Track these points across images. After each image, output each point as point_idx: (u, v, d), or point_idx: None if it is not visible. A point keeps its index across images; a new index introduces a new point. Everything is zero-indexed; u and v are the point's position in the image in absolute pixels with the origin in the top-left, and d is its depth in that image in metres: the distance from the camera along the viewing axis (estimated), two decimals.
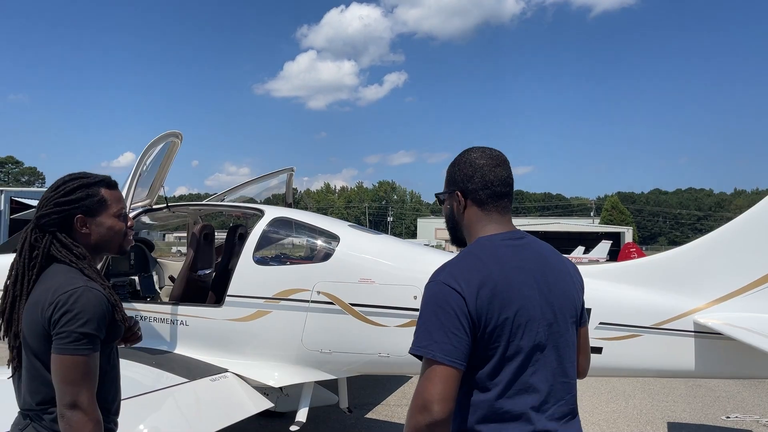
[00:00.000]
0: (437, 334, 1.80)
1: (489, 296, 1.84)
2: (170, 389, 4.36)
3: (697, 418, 7.42)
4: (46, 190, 2.35)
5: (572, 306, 2.04)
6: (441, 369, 1.77)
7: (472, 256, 1.96)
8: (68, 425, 2.09)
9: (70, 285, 2.16)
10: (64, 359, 2.10)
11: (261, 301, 5.03)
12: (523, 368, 1.88)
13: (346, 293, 4.89)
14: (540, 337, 1.90)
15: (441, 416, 1.74)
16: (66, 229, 2.31)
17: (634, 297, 4.77)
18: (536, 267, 1.98)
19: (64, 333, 2.09)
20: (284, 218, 5.47)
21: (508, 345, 1.86)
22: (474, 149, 2.12)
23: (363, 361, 4.98)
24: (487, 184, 2.03)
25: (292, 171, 7.19)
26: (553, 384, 1.93)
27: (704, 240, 4.91)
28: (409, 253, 5.23)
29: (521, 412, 1.86)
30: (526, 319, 1.88)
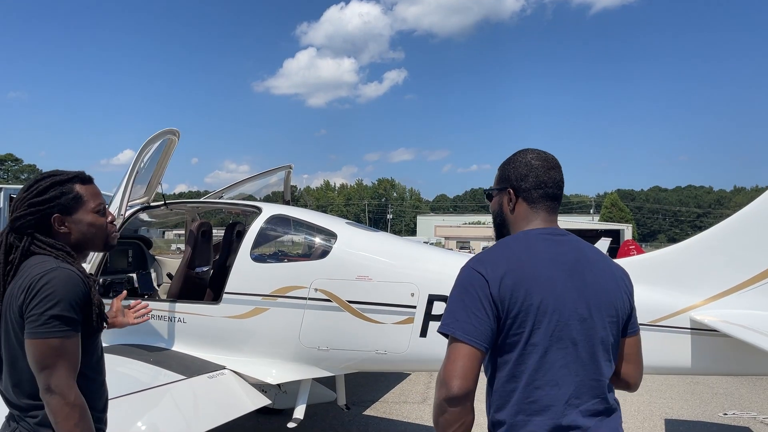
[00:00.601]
0: (460, 315, 1.90)
1: (513, 283, 1.89)
2: (168, 386, 4.36)
3: (695, 415, 7.43)
4: (19, 191, 2.27)
5: (611, 306, 2.01)
6: (461, 347, 1.86)
7: (504, 245, 2.05)
8: (48, 410, 2.05)
9: (42, 268, 2.10)
10: (36, 343, 2.02)
11: (258, 298, 5.03)
12: (551, 358, 1.90)
13: (344, 290, 4.90)
14: (571, 330, 1.92)
15: (459, 392, 1.82)
16: (44, 230, 2.24)
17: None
18: (571, 262, 2.00)
19: (34, 316, 2.02)
20: (282, 216, 5.47)
21: (532, 332, 1.90)
22: (529, 150, 2.18)
23: (360, 358, 4.99)
24: (540, 184, 2.10)
25: (290, 168, 7.18)
26: (584, 379, 1.93)
27: (701, 237, 4.92)
28: (406, 251, 5.23)
29: (549, 404, 1.89)
30: (553, 309, 1.90)
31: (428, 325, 4.70)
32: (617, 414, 2.02)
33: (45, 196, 2.22)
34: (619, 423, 2.02)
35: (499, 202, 2.20)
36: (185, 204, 6.07)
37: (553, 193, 2.12)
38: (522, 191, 2.12)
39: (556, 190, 2.13)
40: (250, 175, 7.29)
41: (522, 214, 2.13)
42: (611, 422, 1.98)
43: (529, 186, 2.11)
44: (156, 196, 5.71)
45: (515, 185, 2.13)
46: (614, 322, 2.02)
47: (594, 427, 1.92)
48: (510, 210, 2.15)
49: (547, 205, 2.12)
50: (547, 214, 2.12)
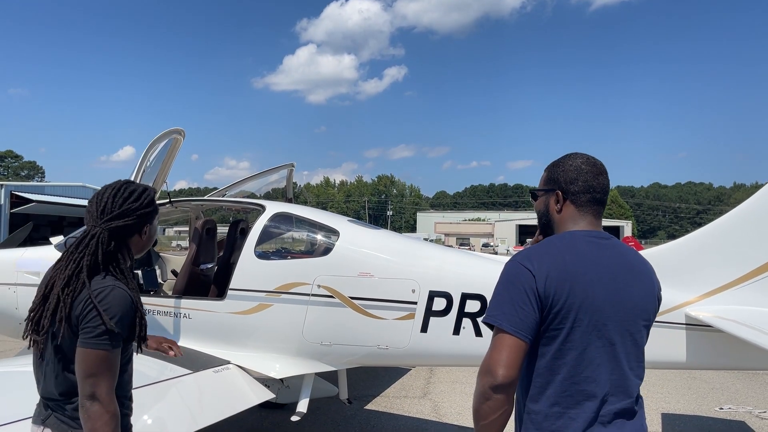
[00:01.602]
0: (506, 306, 1.98)
1: (558, 279, 1.98)
2: (174, 380, 4.45)
3: (691, 409, 7.54)
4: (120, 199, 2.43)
5: (646, 311, 2.10)
6: (507, 337, 1.94)
7: (551, 244, 2.12)
8: (86, 415, 2.22)
9: (101, 285, 2.29)
10: (88, 353, 2.23)
11: (262, 294, 5.12)
12: (590, 355, 1.98)
13: (346, 287, 4.99)
14: (609, 330, 2.00)
15: (503, 380, 1.90)
16: (132, 236, 2.50)
17: None
18: (614, 265, 2.07)
19: (89, 328, 2.23)
20: (285, 213, 5.56)
21: (573, 328, 1.98)
22: (578, 155, 2.25)
23: (362, 353, 5.08)
24: (589, 189, 2.17)
25: (292, 167, 7.27)
26: (619, 378, 2.01)
27: (696, 234, 5.01)
28: (407, 248, 5.33)
29: (586, 399, 1.97)
30: (594, 308, 1.98)
31: (429, 320, 4.80)
32: (642, 413, 2.11)
33: (150, 209, 2.52)
34: (644, 421, 2.11)
35: (545, 202, 2.27)
36: (190, 202, 6.16)
37: (601, 198, 2.20)
38: (570, 194, 2.19)
39: (603, 195, 2.20)
40: (251, 171, 7.39)
41: (569, 215, 2.20)
42: (637, 421, 2.06)
43: (577, 189, 2.18)
44: (161, 194, 5.80)
45: (564, 188, 2.20)
46: (647, 326, 2.11)
47: (624, 424, 2.00)
48: (557, 211, 2.22)
49: (593, 209, 2.19)
50: (593, 218, 2.19)
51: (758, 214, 4.73)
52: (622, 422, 2.00)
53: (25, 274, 5.83)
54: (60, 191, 47.46)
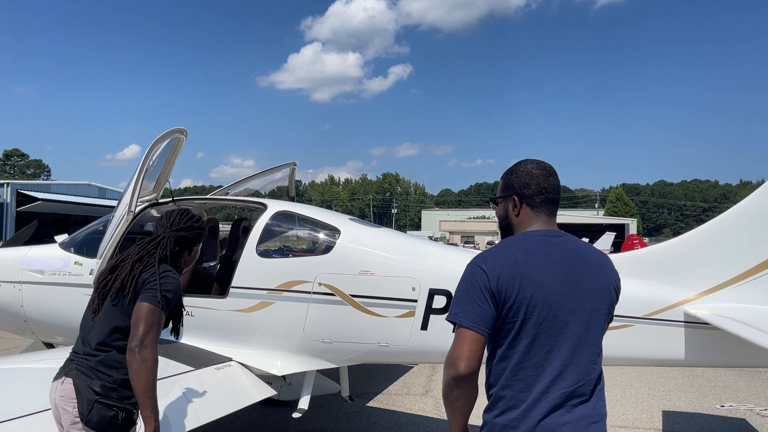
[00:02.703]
0: (465, 305, 2.18)
1: (509, 278, 2.16)
2: (176, 377, 4.51)
3: (692, 407, 7.56)
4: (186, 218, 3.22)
5: (602, 301, 2.26)
6: (466, 332, 2.14)
7: (505, 245, 2.31)
8: (134, 358, 2.72)
9: (166, 267, 3.03)
10: (148, 306, 2.81)
11: (264, 292, 5.17)
12: (539, 346, 2.16)
13: (347, 285, 5.03)
14: (559, 321, 2.17)
15: (464, 372, 2.10)
16: (185, 249, 3.24)
17: (627, 288, 4.83)
18: (566, 261, 2.24)
19: (153, 289, 2.85)
20: (286, 212, 5.60)
21: (524, 322, 2.16)
22: (529, 161, 2.44)
23: (363, 351, 5.13)
24: (542, 191, 2.36)
25: (294, 165, 7.31)
26: (570, 365, 2.16)
27: (696, 232, 5.03)
28: (407, 246, 5.37)
29: (533, 383, 2.15)
30: (543, 303, 2.15)
31: (429, 318, 4.84)
32: (599, 396, 2.23)
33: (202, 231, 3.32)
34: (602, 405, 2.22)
35: (504, 207, 2.45)
36: (193, 200, 6.20)
37: (553, 197, 2.38)
38: (525, 197, 2.37)
39: (555, 195, 2.39)
40: (255, 170, 7.43)
41: (525, 217, 2.38)
42: (592, 404, 2.18)
43: (531, 192, 2.36)
44: (164, 192, 5.85)
45: (519, 192, 2.38)
46: (603, 314, 2.27)
47: (576, 406, 2.14)
48: (515, 214, 2.40)
49: (547, 209, 2.37)
50: (547, 217, 2.37)
51: (757, 212, 4.74)
52: (573, 404, 2.14)
53: (30, 272, 5.89)
54: (66, 189, 47.67)
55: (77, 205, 44.07)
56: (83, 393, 2.78)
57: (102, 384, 2.79)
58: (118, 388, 2.83)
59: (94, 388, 2.78)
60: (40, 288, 5.83)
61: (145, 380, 2.72)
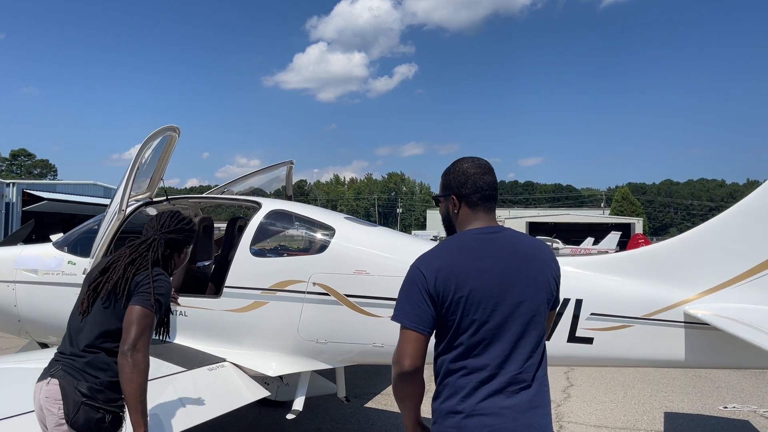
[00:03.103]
0: (407, 306, 2.28)
1: (445, 278, 2.25)
2: (168, 378, 4.45)
3: (695, 408, 7.46)
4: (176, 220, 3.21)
5: (540, 291, 2.36)
6: (409, 332, 2.24)
7: (442, 246, 2.41)
8: (126, 362, 2.70)
9: (158, 270, 3.00)
10: (141, 309, 2.79)
11: (258, 292, 5.11)
12: (479, 338, 2.25)
13: (342, 284, 4.97)
14: (498, 314, 2.26)
15: (409, 369, 2.22)
16: (176, 251, 3.22)
17: (626, 288, 4.81)
18: (503, 256, 2.33)
19: (147, 293, 2.84)
20: (281, 211, 5.54)
21: (463, 318, 2.25)
22: (465, 159, 2.50)
23: (358, 351, 5.06)
24: (478, 189, 2.42)
25: (291, 164, 7.25)
26: (510, 354, 2.26)
27: (697, 231, 4.94)
28: (403, 245, 5.30)
29: (473, 371, 2.25)
30: (480, 298, 2.24)
31: None
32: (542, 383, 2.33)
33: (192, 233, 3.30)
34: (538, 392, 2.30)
35: (445, 207, 2.53)
36: (187, 199, 6.15)
37: (490, 194, 2.45)
38: (463, 196, 2.44)
39: (491, 191, 2.46)
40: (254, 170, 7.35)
41: (464, 215, 2.45)
42: (530, 392, 2.28)
43: (468, 191, 2.43)
44: (159, 191, 5.80)
45: (457, 191, 2.45)
46: (541, 304, 2.36)
47: (516, 393, 2.25)
48: (455, 213, 2.48)
49: (485, 206, 2.44)
50: (485, 214, 2.44)
51: (758, 211, 4.65)
52: (513, 390, 2.24)
53: (24, 271, 5.86)
54: (71, 189, 47.78)
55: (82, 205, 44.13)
56: (69, 394, 2.74)
57: (89, 386, 2.76)
58: (105, 390, 2.80)
59: (81, 389, 2.75)
60: (34, 287, 5.79)
61: (137, 384, 2.70)
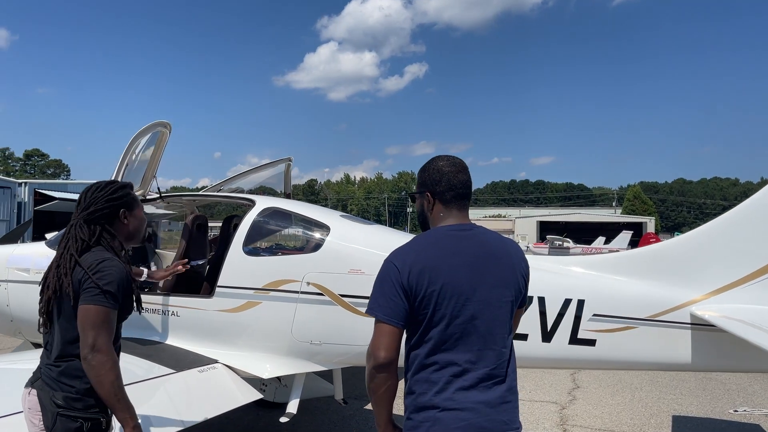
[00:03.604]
0: (381, 299, 2.32)
1: (419, 272, 2.28)
2: (156, 380, 4.34)
3: (704, 412, 7.27)
4: (91, 192, 2.85)
5: (508, 288, 2.40)
6: (382, 325, 2.28)
7: (415, 241, 2.45)
8: (90, 365, 2.54)
9: (100, 256, 2.70)
10: (90, 308, 2.58)
11: (251, 291, 4.99)
12: (450, 332, 2.29)
13: (336, 284, 4.84)
14: (469, 309, 2.30)
15: (383, 361, 2.24)
16: (110, 222, 2.85)
17: (630, 288, 4.65)
18: (474, 253, 2.38)
19: (92, 287, 2.59)
20: (275, 208, 5.42)
21: (435, 312, 2.29)
22: (440, 158, 2.56)
23: (353, 353, 4.92)
24: (451, 187, 2.47)
25: (289, 161, 7.12)
26: (481, 349, 2.31)
27: (703, 229, 4.77)
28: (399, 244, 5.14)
29: (445, 365, 2.29)
30: (452, 293, 2.29)
31: None
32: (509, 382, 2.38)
33: (118, 194, 2.86)
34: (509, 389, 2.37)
35: (420, 203, 2.57)
36: (181, 197, 6.04)
37: (463, 192, 2.50)
38: (437, 194, 2.49)
39: (465, 190, 2.50)
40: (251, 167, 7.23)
41: (438, 212, 2.49)
42: (502, 388, 2.34)
43: (442, 189, 2.47)
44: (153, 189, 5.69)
45: (431, 189, 2.50)
46: (510, 302, 2.40)
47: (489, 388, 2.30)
48: (429, 210, 2.52)
49: (458, 204, 2.49)
50: (458, 212, 2.49)
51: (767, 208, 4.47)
52: (486, 386, 2.29)
53: (16, 270, 5.77)
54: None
55: None
56: (47, 406, 2.67)
57: (65, 396, 2.65)
58: (82, 397, 2.68)
59: (56, 400, 2.65)
60: (26, 287, 5.69)
61: (108, 384, 2.58)
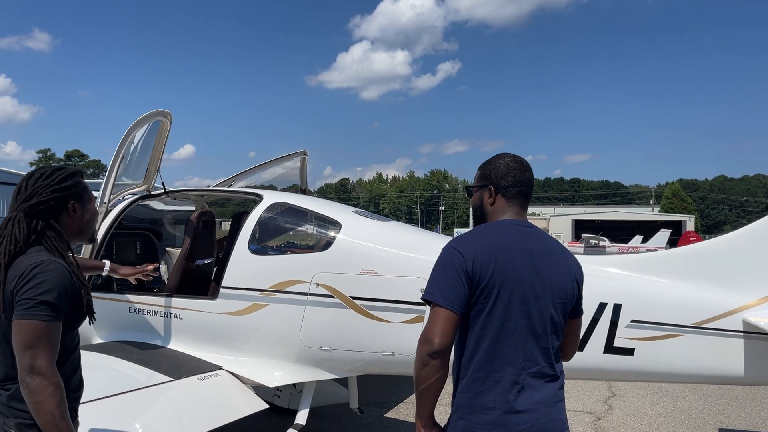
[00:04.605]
0: (441, 284, 2.27)
1: (484, 260, 2.26)
2: (150, 389, 4.02)
3: (754, 425, 6.69)
4: (34, 180, 2.40)
5: (562, 290, 2.39)
6: (441, 311, 2.23)
7: (479, 230, 2.46)
8: (28, 390, 2.14)
9: (35, 259, 2.26)
10: (24, 324, 2.16)
11: (256, 293, 4.65)
12: (510, 326, 2.27)
13: (347, 285, 4.46)
14: (527, 305, 2.29)
15: (439, 347, 2.19)
16: (56, 216, 2.42)
17: (674, 291, 4.17)
18: (535, 249, 2.37)
19: (25, 300, 2.17)
20: (282, 204, 5.07)
21: (496, 302, 2.26)
22: (506, 155, 2.56)
23: (366, 360, 4.55)
24: (517, 183, 2.48)
25: (304, 154, 6.77)
26: (536, 346, 2.30)
27: (757, 225, 4.24)
28: (417, 242, 4.75)
29: (507, 364, 2.26)
30: (514, 285, 2.27)
31: None
32: (561, 380, 2.41)
33: (65, 184, 2.43)
34: (561, 387, 2.40)
35: (480, 197, 2.55)
36: (187, 192, 5.74)
37: (527, 191, 2.51)
38: (501, 188, 2.48)
39: (528, 189, 2.51)
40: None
41: (499, 207, 2.49)
42: (555, 386, 2.36)
43: (507, 184, 2.47)
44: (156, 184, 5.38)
45: (495, 183, 2.49)
46: (563, 304, 2.40)
47: (540, 386, 2.29)
48: (490, 203, 2.51)
49: (520, 201, 2.50)
50: (519, 209, 2.50)
51: None
52: (542, 383, 2.30)
53: None
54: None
55: None
56: None
57: (18, 422, 2.30)
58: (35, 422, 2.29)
59: (9, 429, 2.33)
60: None
61: (46, 413, 2.16)
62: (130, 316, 4.99)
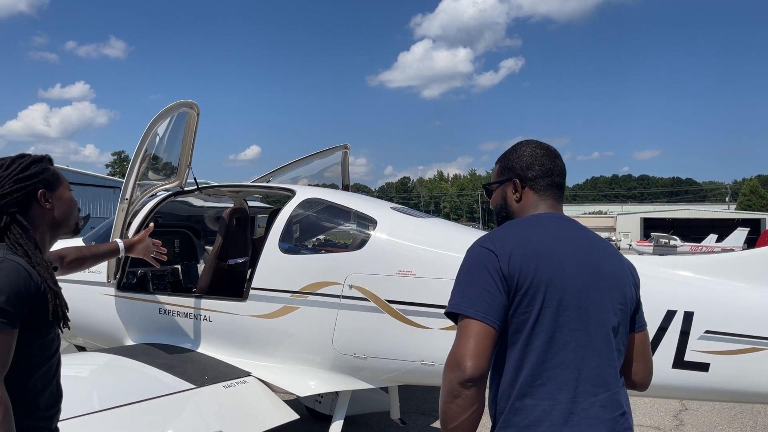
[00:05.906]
0: (470, 292, 1.82)
1: (523, 256, 1.83)
2: (167, 398, 3.77)
3: None
4: None
5: (621, 293, 1.95)
6: (474, 325, 1.77)
7: (513, 224, 2.02)
8: None
9: None
10: None
11: (287, 295, 4.34)
12: (562, 339, 1.82)
13: (382, 288, 4.10)
14: (582, 310, 1.84)
15: (473, 373, 1.71)
16: (24, 210, 2.15)
17: (754, 297, 3.61)
18: (581, 244, 1.96)
19: None
20: (316, 200, 4.74)
21: (543, 309, 1.82)
22: (529, 141, 2.16)
23: (404, 369, 4.17)
24: (547, 172, 2.08)
25: (346, 148, 6.44)
26: (598, 364, 1.85)
27: None
28: (459, 241, 4.32)
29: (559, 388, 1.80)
30: (564, 286, 1.83)
31: None
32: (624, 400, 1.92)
33: (30, 172, 2.17)
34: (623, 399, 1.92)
35: (502, 194, 2.14)
36: (219, 188, 5.51)
37: (560, 181, 2.11)
38: (528, 180, 2.08)
39: (561, 178, 2.11)
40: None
41: (529, 203, 2.07)
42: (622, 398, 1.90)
43: (536, 174, 2.08)
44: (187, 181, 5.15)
45: (521, 174, 2.09)
46: (623, 311, 1.96)
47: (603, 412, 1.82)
48: (516, 200, 2.10)
49: (553, 193, 2.09)
50: (554, 202, 2.08)
51: None
52: (602, 400, 1.82)
53: None
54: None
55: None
56: None
57: None
58: None
59: None
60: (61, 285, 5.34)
61: None
62: (159, 317, 4.78)
